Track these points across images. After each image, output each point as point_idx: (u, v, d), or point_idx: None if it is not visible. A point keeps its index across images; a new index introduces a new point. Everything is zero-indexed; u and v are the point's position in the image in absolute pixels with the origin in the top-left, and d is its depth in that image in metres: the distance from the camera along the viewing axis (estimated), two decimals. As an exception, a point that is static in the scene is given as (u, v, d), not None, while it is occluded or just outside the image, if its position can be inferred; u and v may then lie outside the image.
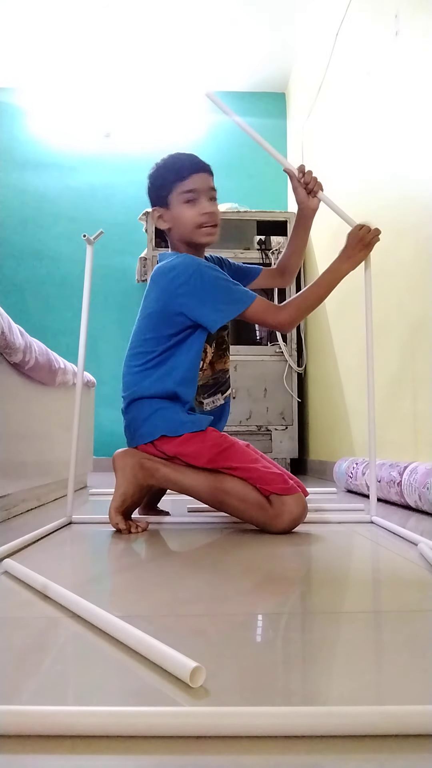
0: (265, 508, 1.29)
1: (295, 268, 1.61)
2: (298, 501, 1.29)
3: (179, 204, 1.40)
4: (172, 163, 1.43)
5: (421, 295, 1.89)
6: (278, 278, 1.62)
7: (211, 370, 1.48)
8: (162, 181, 1.42)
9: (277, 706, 0.47)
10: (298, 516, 1.29)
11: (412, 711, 0.44)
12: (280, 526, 1.28)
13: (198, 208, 1.40)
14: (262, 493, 1.30)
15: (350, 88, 2.70)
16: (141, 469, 1.38)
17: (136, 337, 1.46)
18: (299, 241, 1.57)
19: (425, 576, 0.91)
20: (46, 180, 4.14)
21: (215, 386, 1.51)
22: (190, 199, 1.40)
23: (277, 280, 1.62)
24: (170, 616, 0.72)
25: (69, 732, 0.43)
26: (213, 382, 1.50)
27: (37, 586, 0.81)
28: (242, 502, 1.31)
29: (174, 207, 1.41)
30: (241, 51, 3.89)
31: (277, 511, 1.28)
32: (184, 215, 1.40)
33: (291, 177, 1.48)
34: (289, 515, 1.28)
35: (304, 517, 1.31)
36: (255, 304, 1.37)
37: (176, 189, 1.40)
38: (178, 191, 1.40)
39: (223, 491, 1.32)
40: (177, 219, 1.42)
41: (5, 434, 1.55)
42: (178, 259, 1.41)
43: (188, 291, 1.36)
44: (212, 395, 1.51)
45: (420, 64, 1.88)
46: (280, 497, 1.28)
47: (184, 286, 1.36)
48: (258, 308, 1.38)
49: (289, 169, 1.48)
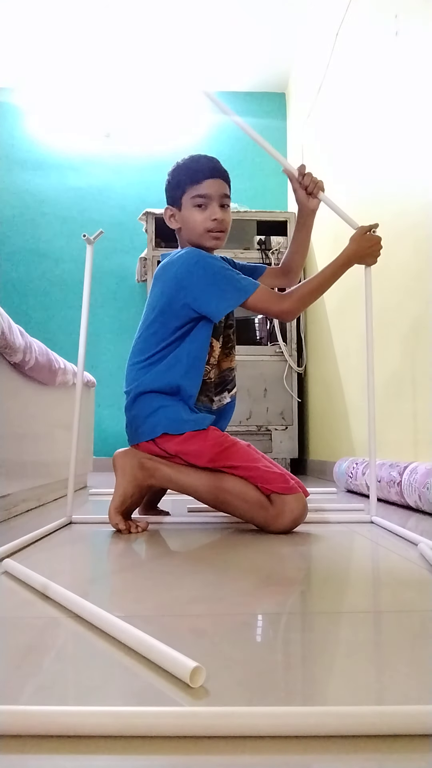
0: (266, 507, 1.29)
1: (298, 267, 1.61)
2: (298, 500, 1.29)
3: (190, 207, 1.42)
4: (190, 165, 1.44)
5: (421, 295, 1.89)
6: (282, 278, 1.62)
7: (218, 368, 1.49)
8: (177, 182, 1.43)
9: (277, 706, 0.47)
10: (299, 515, 1.29)
11: (412, 711, 0.44)
12: (280, 525, 1.28)
13: (207, 214, 1.41)
14: (263, 492, 1.30)
15: (350, 88, 2.70)
16: (141, 469, 1.38)
17: (140, 333, 1.46)
18: (301, 240, 1.57)
19: (425, 576, 0.91)
20: (45, 180, 4.14)
21: (222, 384, 1.52)
22: (201, 203, 1.41)
23: (280, 280, 1.62)
24: (170, 616, 0.72)
25: (69, 732, 0.43)
26: (219, 380, 1.50)
27: (37, 586, 0.81)
28: (243, 502, 1.31)
29: (185, 209, 1.43)
30: (241, 51, 3.89)
31: (278, 510, 1.28)
32: (193, 218, 1.42)
33: (290, 178, 1.48)
34: (290, 514, 1.28)
35: (304, 517, 1.31)
36: (258, 292, 1.37)
37: (189, 192, 1.41)
38: (191, 194, 1.41)
39: (224, 490, 1.32)
40: (186, 221, 1.43)
41: (5, 434, 1.55)
42: (182, 252, 1.42)
43: (192, 281, 1.36)
44: (219, 393, 1.51)
45: (420, 64, 1.88)
46: (281, 496, 1.28)
47: (188, 277, 1.37)
48: (261, 297, 1.38)
49: (289, 170, 1.48)
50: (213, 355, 1.44)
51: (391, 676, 0.55)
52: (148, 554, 1.16)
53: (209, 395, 1.46)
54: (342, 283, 1.44)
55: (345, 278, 1.44)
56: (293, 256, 1.60)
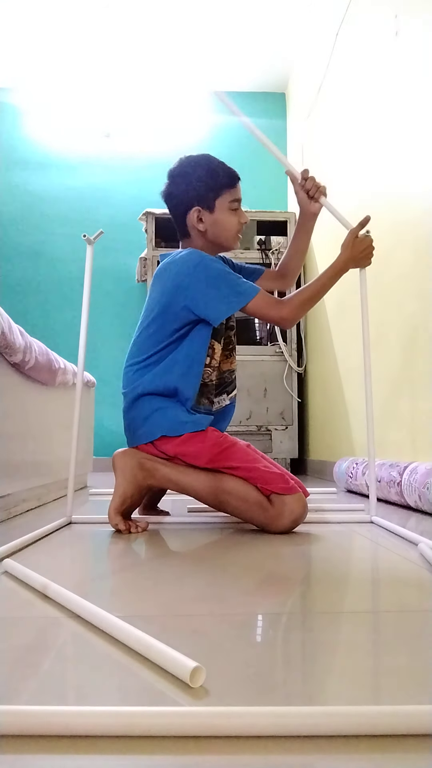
0: (266, 507, 1.29)
1: (295, 270, 1.61)
2: (298, 500, 1.29)
3: (226, 210, 1.44)
4: (222, 167, 1.45)
5: (420, 295, 1.89)
6: (279, 280, 1.62)
7: (218, 370, 1.48)
8: (214, 184, 1.43)
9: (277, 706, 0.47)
10: (299, 516, 1.29)
11: (412, 711, 0.44)
12: (280, 525, 1.28)
13: (240, 217, 1.45)
14: (263, 492, 1.30)
15: (350, 88, 2.70)
16: (141, 470, 1.38)
17: (138, 333, 1.46)
18: (300, 243, 1.57)
19: (425, 576, 0.91)
20: (46, 180, 4.14)
21: (221, 386, 1.51)
22: (236, 207, 1.45)
23: (278, 282, 1.62)
24: (170, 616, 0.72)
25: (69, 732, 0.43)
26: (218, 382, 1.50)
27: (37, 586, 0.81)
28: (243, 502, 1.31)
29: (219, 211, 1.43)
30: (242, 51, 3.89)
31: (278, 510, 1.28)
32: (228, 221, 1.44)
33: (293, 180, 1.48)
34: (290, 515, 1.28)
35: (304, 517, 1.31)
36: (258, 297, 1.37)
37: (226, 195, 1.43)
38: (228, 198, 1.43)
39: (224, 491, 1.32)
40: (220, 223, 1.44)
41: (5, 434, 1.55)
42: (183, 254, 1.42)
43: (192, 283, 1.36)
44: (218, 395, 1.51)
45: (420, 64, 1.88)
46: (281, 497, 1.28)
47: (188, 278, 1.36)
48: (261, 302, 1.38)
49: (292, 172, 1.48)
50: (214, 357, 1.44)
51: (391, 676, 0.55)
52: (148, 554, 1.16)
53: (209, 397, 1.46)
54: (341, 283, 1.44)
55: (344, 278, 1.44)
56: (291, 259, 1.60)
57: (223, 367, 1.50)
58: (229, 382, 1.53)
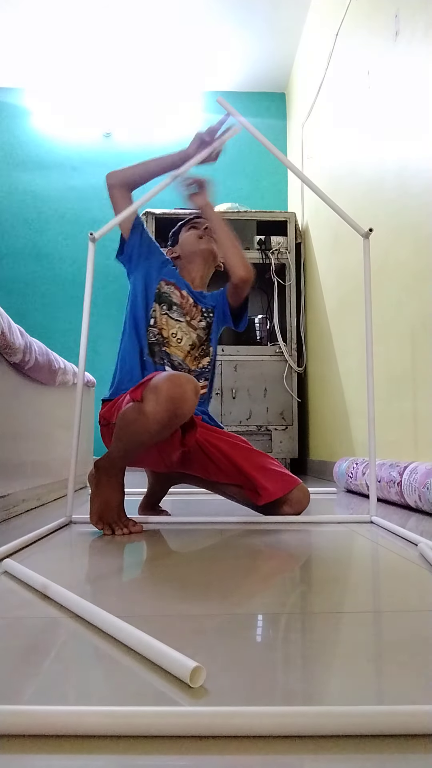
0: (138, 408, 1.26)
1: (228, 262, 1.61)
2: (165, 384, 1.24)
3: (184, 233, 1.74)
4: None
5: (421, 295, 1.89)
6: (231, 278, 1.62)
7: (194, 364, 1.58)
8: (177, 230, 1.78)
9: (277, 706, 0.47)
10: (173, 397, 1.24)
11: (412, 711, 0.44)
12: (146, 411, 1.24)
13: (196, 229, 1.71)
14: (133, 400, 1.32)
15: (350, 88, 2.70)
16: (98, 470, 1.36)
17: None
18: (216, 235, 1.64)
19: (425, 576, 0.91)
20: (46, 180, 4.14)
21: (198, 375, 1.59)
22: (190, 227, 1.73)
23: (233, 280, 1.61)
24: (170, 616, 0.72)
25: (69, 732, 0.43)
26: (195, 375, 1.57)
27: (37, 586, 0.81)
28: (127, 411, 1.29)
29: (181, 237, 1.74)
30: (242, 51, 3.89)
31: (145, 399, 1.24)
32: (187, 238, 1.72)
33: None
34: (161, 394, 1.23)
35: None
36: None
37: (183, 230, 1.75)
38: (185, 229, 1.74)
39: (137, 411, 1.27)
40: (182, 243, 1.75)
41: (5, 434, 1.55)
42: None
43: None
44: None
45: (420, 64, 1.88)
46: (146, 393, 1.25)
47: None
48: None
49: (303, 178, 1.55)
50: (156, 318, 1.59)
51: (391, 676, 0.55)
52: (148, 554, 1.16)
53: (165, 359, 1.54)
54: (341, 283, 1.44)
55: (345, 279, 1.44)
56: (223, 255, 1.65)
57: (201, 363, 1.59)
58: (204, 374, 1.61)
